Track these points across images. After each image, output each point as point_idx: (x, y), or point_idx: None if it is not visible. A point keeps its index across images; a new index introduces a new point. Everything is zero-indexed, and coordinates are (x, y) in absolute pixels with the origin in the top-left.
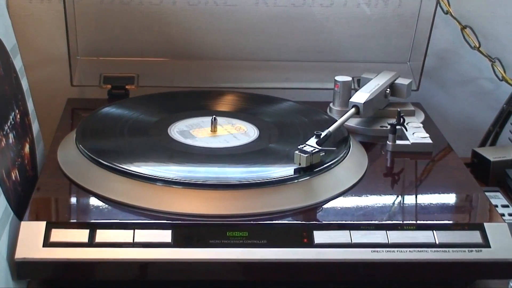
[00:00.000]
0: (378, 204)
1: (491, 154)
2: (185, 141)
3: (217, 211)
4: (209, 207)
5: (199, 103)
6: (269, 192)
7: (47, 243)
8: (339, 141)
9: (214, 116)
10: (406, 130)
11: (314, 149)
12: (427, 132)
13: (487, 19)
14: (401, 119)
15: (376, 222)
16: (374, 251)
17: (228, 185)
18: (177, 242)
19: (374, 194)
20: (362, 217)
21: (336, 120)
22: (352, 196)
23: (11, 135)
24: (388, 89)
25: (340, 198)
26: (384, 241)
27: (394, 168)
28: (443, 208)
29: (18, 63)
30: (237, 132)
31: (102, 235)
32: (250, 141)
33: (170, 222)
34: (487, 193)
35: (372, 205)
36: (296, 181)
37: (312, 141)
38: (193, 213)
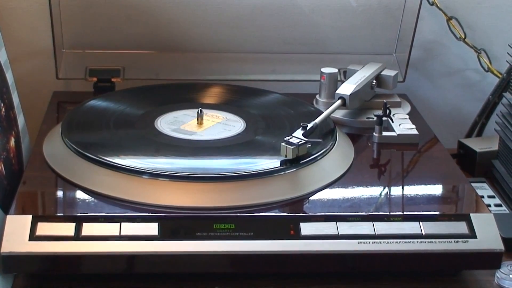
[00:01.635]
0: (365, 195)
1: (477, 145)
2: (172, 133)
3: (204, 204)
4: (195, 200)
5: (185, 95)
6: (255, 184)
7: (33, 236)
8: (326, 133)
9: (200, 108)
10: (392, 122)
11: (300, 141)
12: (413, 123)
13: (473, 10)
14: (387, 111)
15: (362, 213)
16: (361, 243)
17: (214, 178)
18: (164, 234)
19: (360, 186)
20: (348, 209)
21: (322, 112)
22: (338, 187)
23: None
24: (374, 81)
25: (327, 190)
26: (371, 232)
27: (381, 159)
28: (429, 199)
29: (2, 56)
30: (223, 125)
31: (89, 229)
32: (236, 133)
33: (157, 215)
34: (473, 184)
35: (358, 196)
36: (282, 173)
37: (298, 133)
38: (180, 205)
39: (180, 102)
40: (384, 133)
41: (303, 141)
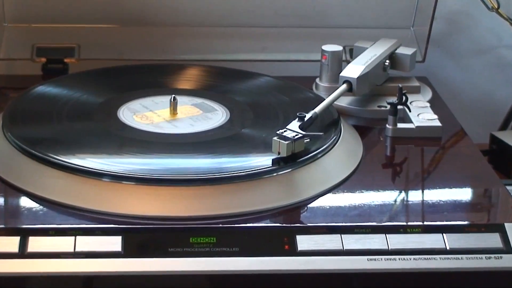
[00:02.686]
0: (376, 201)
1: None
2: (139, 126)
3: (178, 212)
4: (168, 208)
5: (155, 79)
6: (242, 188)
7: None
8: (328, 125)
9: (173, 95)
10: (410, 111)
11: (296, 135)
12: (435, 113)
13: None
14: (404, 97)
15: (373, 223)
16: (372, 260)
17: (191, 180)
18: (129, 251)
19: (370, 190)
20: (356, 218)
21: (324, 99)
22: (343, 192)
23: None
24: (388, 61)
25: (329, 195)
26: (384, 247)
27: (395, 157)
28: (455, 206)
29: None
30: (202, 115)
31: (36, 244)
32: (218, 126)
33: (120, 226)
34: (508, 187)
35: (368, 203)
36: (275, 174)
37: (294, 124)
38: (149, 215)
39: (149, 88)
40: (400, 125)
41: (300, 135)
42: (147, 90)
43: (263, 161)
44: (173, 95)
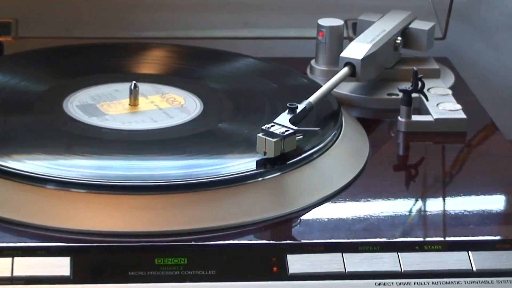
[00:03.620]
0: (386, 212)
1: None
2: (90, 120)
3: (141, 227)
4: (128, 221)
5: (111, 62)
6: (219, 197)
7: None
8: (326, 118)
9: (134, 82)
10: (427, 100)
11: (286, 131)
12: (458, 103)
13: None
14: (420, 83)
15: (383, 239)
16: (381, 284)
17: (156, 188)
18: (80, 275)
19: (379, 198)
20: (361, 233)
21: (321, 86)
22: (345, 201)
23: None
24: (399, 38)
25: (328, 205)
26: (395, 268)
27: (410, 157)
28: (483, 218)
29: None
30: (170, 106)
31: None
32: (189, 120)
33: (69, 245)
34: None
35: (376, 214)
36: (260, 179)
37: (284, 118)
38: (104, 230)
39: (103, 73)
40: (415, 118)
41: (290, 131)
42: (101, 75)
43: (245, 163)
44: (134, 82)
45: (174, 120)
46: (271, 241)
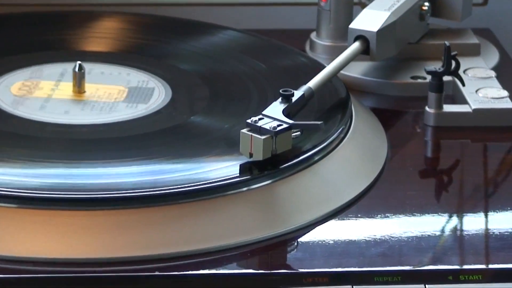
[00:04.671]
0: (410, 232)
1: None
2: (19, 112)
3: (87, 253)
4: (69, 246)
5: (47, 36)
6: (191, 213)
7: None
8: (331, 109)
9: (79, 62)
10: (463, 85)
11: (279, 125)
12: (504, 88)
13: None
14: (454, 63)
15: (406, 268)
16: None
17: (108, 201)
18: None
19: (400, 214)
20: (377, 259)
21: (324, 66)
22: (357, 217)
23: None
24: (427, 4)
25: (333, 223)
26: None
27: (441, 160)
28: None
29: None
30: (126, 94)
31: None
32: (152, 111)
33: None
34: None
35: (397, 235)
36: (244, 189)
37: (276, 108)
38: (37, 257)
39: (37, 51)
40: (447, 108)
41: (284, 126)
42: (34, 54)
43: (226, 168)
44: (78, 62)
45: (131, 112)
46: (259, 271)
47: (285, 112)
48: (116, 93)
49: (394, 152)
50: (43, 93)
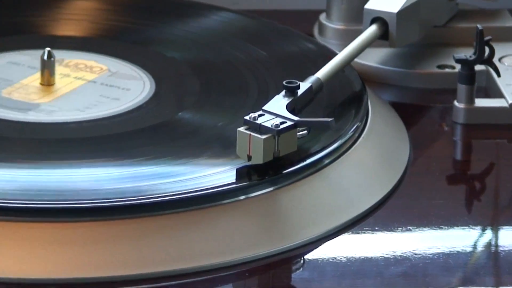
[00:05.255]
0: (436, 248)
1: None
2: None
3: (58, 272)
4: (36, 264)
5: (10, 19)
6: (180, 226)
7: None
8: (343, 104)
9: (48, 49)
10: (499, 76)
11: (282, 123)
12: None
13: None
14: (487, 50)
15: None
16: None
17: (81, 211)
18: None
19: (425, 226)
20: (399, 280)
21: (335, 54)
22: (374, 231)
23: None
24: None
25: (346, 237)
26: None
27: (473, 164)
28: None
29: None
30: (103, 87)
31: None
32: (134, 107)
33: None
34: None
35: (421, 251)
36: (242, 197)
37: (279, 103)
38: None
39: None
40: (480, 102)
41: (288, 123)
42: None
43: (220, 173)
44: (47, 49)
45: (108, 109)
46: None
47: (290, 108)
48: (93, 86)
49: (418, 154)
50: (9, 86)
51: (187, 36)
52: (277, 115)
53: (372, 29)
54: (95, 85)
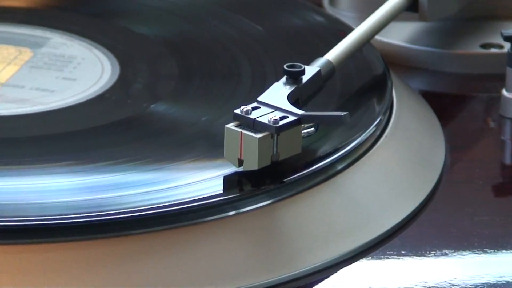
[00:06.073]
0: (479, 277)
1: None
2: None
3: None
4: None
5: None
6: (153, 249)
7: None
8: (361, 93)
9: None
10: None
11: (283, 118)
12: None
13: None
14: None
15: None
16: None
17: (24, 230)
18: None
19: (467, 250)
20: None
21: (351, 29)
22: (399, 255)
23: None
24: None
25: (364, 263)
26: None
27: None
28: None
29: None
30: (50, 71)
31: None
32: (91, 97)
33: None
34: None
35: (460, 281)
36: (231, 213)
37: (279, 93)
38: None
39: None
40: None
41: (291, 118)
42: None
43: (203, 181)
44: None
45: (61, 99)
46: None
47: (292, 98)
48: (37, 70)
49: (456, 158)
50: None
51: (161, 6)
52: (276, 108)
53: None
54: (41, 71)
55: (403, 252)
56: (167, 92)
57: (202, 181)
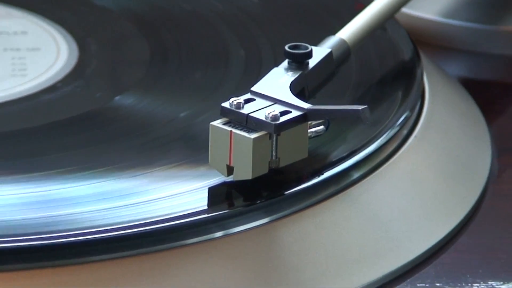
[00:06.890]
0: None
1: None
2: None
3: None
4: None
5: None
6: (122, 277)
7: None
8: (384, 80)
9: None
10: None
11: (284, 113)
12: None
13: None
14: None
15: None
16: None
17: None
18: None
19: None
20: None
21: (369, 1)
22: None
23: None
24: None
25: None
26: None
27: None
28: None
29: None
30: None
31: None
32: (42, 87)
33: None
34: None
35: None
36: (218, 235)
37: (279, 81)
38: None
39: None
40: None
41: (293, 114)
42: None
43: (183, 194)
44: None
45: (4, 89)
46: None
47: (296, 88)
48: None
49: (505, 164)
50: None
51: None
52: (276, 101)
53: None
54: None
55: (437, 284)
56: (135, 81)
57: (180, 194)
